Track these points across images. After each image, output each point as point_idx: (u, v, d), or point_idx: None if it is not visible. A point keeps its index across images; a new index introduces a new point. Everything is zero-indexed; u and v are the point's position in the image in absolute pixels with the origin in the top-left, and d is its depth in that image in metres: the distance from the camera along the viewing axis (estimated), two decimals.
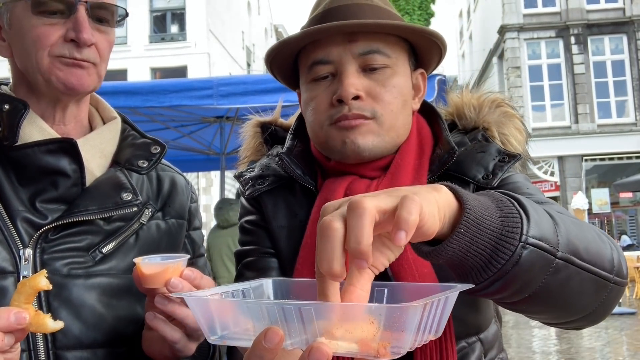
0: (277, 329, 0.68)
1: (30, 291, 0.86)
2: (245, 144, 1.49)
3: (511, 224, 0.79)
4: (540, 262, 0.81)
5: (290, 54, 1.27)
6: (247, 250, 1.33)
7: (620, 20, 21.02)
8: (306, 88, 1.25)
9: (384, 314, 0.66)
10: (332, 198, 1.20)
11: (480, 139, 1.27)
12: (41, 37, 1.12)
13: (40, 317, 0.85)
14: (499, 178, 1.18)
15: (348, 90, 1.15)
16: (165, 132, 6.16)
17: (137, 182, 1.27)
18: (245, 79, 5.30)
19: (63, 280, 1.12)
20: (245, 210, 1.38)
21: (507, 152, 1.22)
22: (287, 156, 1.30)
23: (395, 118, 1.20)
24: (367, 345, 0.67)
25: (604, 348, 9.02)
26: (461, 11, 35.34)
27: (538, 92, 21.26)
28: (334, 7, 1.22)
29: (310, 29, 1.17)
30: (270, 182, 1.33)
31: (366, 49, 1.18)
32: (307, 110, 1.26)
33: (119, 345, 1.16)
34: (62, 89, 1.16)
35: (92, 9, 1.15)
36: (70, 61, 1.14)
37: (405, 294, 0.87)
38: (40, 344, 1.09)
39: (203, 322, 0.78)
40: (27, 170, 1.15)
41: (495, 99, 1.32)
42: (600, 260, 0.89)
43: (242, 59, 30.64)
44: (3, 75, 3.33)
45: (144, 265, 0.97)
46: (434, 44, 1.23)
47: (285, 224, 1.29)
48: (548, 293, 0.85)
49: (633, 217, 22.20)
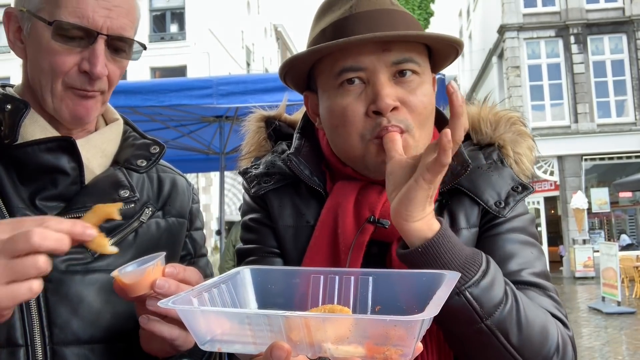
0: (282, 344, 0.68)
1: (102, 216, 0.95)
2: (248, 139, 1.46)
3: (466, 273, 0.98)
4: (466, 316, 0.98)
5: (314, 60, 1.22)
6: (250, 249, 1.32)
7: (620, 20, 21.02)
8: (331, 95, 1.19)
9: (398, 325, 0.67)
10: (345, 203, 1.21)
11: (496, 159, 1.27)
12: (58, 64, 1.14)
13: (102, 239, 0.93)
14: (510, 208, 1.19)
15: (386, 101, 1.11)
16: (164, 131, 6.16)
17: (137, 182, 1.28)
18: (244, 78, 5.28)
19: (61, 276, 1.12)
20: (249, 207, 1.37)
21: (521, 182, 1.23)
22: (295, 156, 1.29)
23: (423, 128, 1.18)
24: (376, 349, 0.67)
25: (604, 347, 9.02)
26: (461, 11, 35.33)
27: (538, 91, 21.26)
28: (362, 11, 1.17)
29: (352, 39, 1.11)
30: (276, 181, 1.31)
31: (400, 58, 1.14)
32: (332, 118, 1.20)
33: (117, 341, 1.16)
34: (68, 119, 1.19)
35: (111, 40, 1.16)
36: (82, 93, 1.16)
37: (390, 281, 0.92)
38: (38, 340, 1.09)
39: (193, 332, 0.78)
40: (27, 169, 1.16)
41: (511, 117, 1.32)
42: (530, 354, 1.03)
43: (242, 59, 30.62)
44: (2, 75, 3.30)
45: (123, 276, 0.95)
46: (454, 49, 1.22)
47: (291, 223, 1.28)
48: (468, 346, 1.05)
49: (632, 217, 22.20)
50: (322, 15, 1.23)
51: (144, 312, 0.99)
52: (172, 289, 0.95)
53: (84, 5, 1.12)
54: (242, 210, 1.40)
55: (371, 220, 1.17)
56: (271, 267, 1.08)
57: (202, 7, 24.60)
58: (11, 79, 17.59)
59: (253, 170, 1.36)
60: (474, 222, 1.21)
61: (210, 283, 0.92)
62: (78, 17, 1.11)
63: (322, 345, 0.69)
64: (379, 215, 1.18)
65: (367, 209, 1.19)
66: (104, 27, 1.13)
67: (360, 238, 1.17)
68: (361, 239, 1.17)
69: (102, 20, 1.13)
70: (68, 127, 1.22)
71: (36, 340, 1.09)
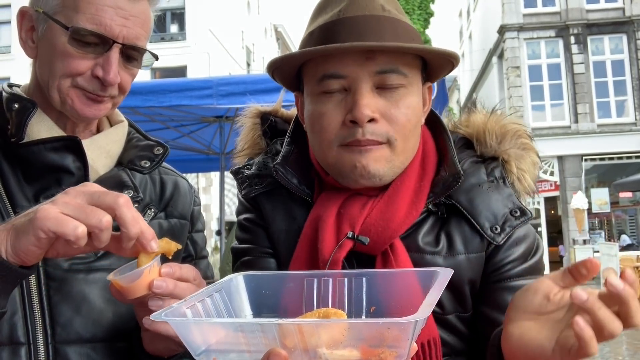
0: (279, 351, 0.68)
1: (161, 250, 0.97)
2: (243, 135, 1.44)
3: None
4: None
5: (297, 63, 1.21)
6: (245, 248, 1.33)
7: (620, 20, 21.01)
8: (313, 100, 1.18)
9: (392, 327, 0.67)
10: (325, 216, 1.18)
11: (498, 176, 1.24)
12: (72, 67, 1.15)
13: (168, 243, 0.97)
14: (506, 235, 1.17)
15: (363, 112, 1.08)
16: (164, 131, 6.16)
17: (140, 183, 1.29)
18: (244, 78, 5.29)
19: (64, 275, 1.13)
20: (244, 207, 1.36)
21: (520, 206, 1.20)
22: (282, 166, 1.26)
23: (407, 141, 1.16)
24: (370, 352, 0.67)
25: (604, 347, 9.02)
26: (461, 11, 35.34)
27: (538, 91, 21.25)
28: (349, 17, 1.13)
29: (330, 47, 1.09)
30: (268, 184, 1.30)
31: (384, 68, 1.11)
32: (313, 124, 1.19)
33: (119, 340, 1.17)
34: (74, 116, 1.19)
35: (125, 49, 1.17)
36: (92, 96, 1.17)
37: (384, 281, 0.91)
38: (40, 338, 1.09)
39: (186, 343, 0.78)
40: (33, 167, 1.17)
41: (517, 130, 1.28)
42: None
43: (242, 59, 30.61)
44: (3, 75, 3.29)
45: (121, 280, 0.95)
46: (449, 62, 1.19)
47: (283, 227, 1.27)
48: None
49: (633, 217, 22.18)
50: (315, 17, 1.21)
51: (145, 313, 0.99)
52: (170, 288, 0.96)
53: (102, 13, 1.13)
54: (237, 209, 1.40)
55: (350, 237, 1.15)
56: (264, 273, 1.08)
57: (202, 7, 24.59)
58: (11, 79, 17.51)
59: (245, 170, 1.35)
60: (474, 248, 1.18)
61: (204, 292, 0.92)
62: (96, 24, 1.12)
63: (317, 350, 0.69)
64: (359, 231, 1.16)
65: (348, 224, 1.16)
66: (120, 36, 1.15)
67: (337, 254, 1.14)
68: (338, 255, 1.14)
69: (119, 29, 1.14)
70: (74, 120, 1.22)
71: (38, 338, 1.09)
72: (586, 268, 0.83)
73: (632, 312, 0.80)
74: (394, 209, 1.16)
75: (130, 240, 0.91)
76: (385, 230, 1.15)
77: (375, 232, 1.15)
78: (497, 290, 1.19)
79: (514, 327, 0.90)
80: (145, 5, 1.20)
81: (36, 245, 0.87)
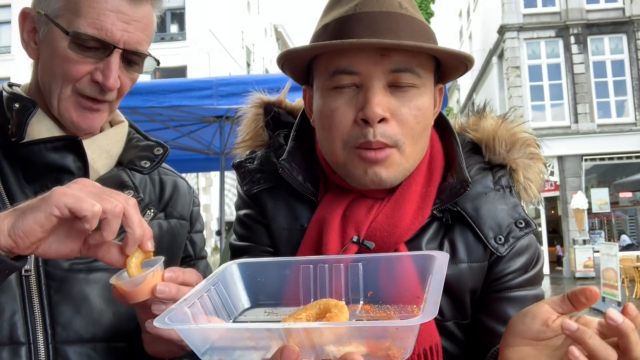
0: (293, 347, 0.69)
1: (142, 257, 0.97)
2: (244, 125, 1.41)
3: None
4: None
5: (309, 56, 1.18)
6: (244, 246, 1.31)
7: (620, 20, 21.00)
8: (323, 95, 1.15)
9: (399, 329, 0.68)
10: (330, 218, 1.17)
11: (505, 185, 1.22)
12: (72, 71, 1.14)
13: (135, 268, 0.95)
14: (509, 246, 1.16)
15: (375, 111, 1.06)
16: (164, 132, 6.17)
17: (140, 184, 1.29)
18: (244, 79, 5.30)
19: (64, 275, 1.13)
20: (244, 202, 1.34)
21: (525, 217, 1.19)
22: (288, 162, 1.23)
23: (415, 144, 1.14)
24: (377, 347, 0.68)
25: None
26: (461, 11, 35.32)
27: (538, 91, 21.24)
28: (366, 12, 1.10)
29: (345, 42, 1.06)
30: (270, 180, 1.27)
31: (398, 67, 1.09)
32: (322, 120, 1.16)
33: (119, 341, 1.17)
34: (70, 127, 1.20)
35: (126, 54, 1.17)
36: (89, 104, 1.17)
37: (380, 266, 0.92)
38: (40, 338, 1.09)
39: (191, 345, 0.78)
40: (33, 167, 1.17)
41: (527, 139, 1.27)
42: None
43: (242, 59, 30.62)
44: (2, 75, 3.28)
45: (124, 284, 0.95)
46: (463, 64, 1.17)
47: (285, 226, 1.25)
48: None
49: (633, 217, 22.18)
50: (330, 9, 1.18)
51: (147, 316, 0.98)
52: (173, 293, 0.95)
53: (104, 18, 1.12)
54: (237, 204, 1.37)
55: (355, 241, 1.14)
56: (259, 260, 1.05)
57: (202, 7, 24.59)
58: (11, 79, 17.49)
59: (247, 164, 1.32)
60: (477, 258, 1.18)
61: (201, 288, 0.92)
62: (97, 28, 1.12)
63: (324, 347, 0.70)
64: (365, 236, 1.15)
65: (353, 228, 1.15)
66: (121, 41, 1.14)
67: None
68: None
69: (120, 34, 1.13)
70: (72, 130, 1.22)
71: (39, 338, 1.09)
72: (585, 296, 0.85)
73: (631, 345, 0.82)
74: (400, 214, 1.15)
75: (134, 243, 0.91)
76: (391, 236, 1.14)
77: (381, 237, 1.14)
78: (496, 300, 1.18)
79: (512, 352, 0.90)
80: (147, 9, 1.19)
81: (41, 224, 0.86)
